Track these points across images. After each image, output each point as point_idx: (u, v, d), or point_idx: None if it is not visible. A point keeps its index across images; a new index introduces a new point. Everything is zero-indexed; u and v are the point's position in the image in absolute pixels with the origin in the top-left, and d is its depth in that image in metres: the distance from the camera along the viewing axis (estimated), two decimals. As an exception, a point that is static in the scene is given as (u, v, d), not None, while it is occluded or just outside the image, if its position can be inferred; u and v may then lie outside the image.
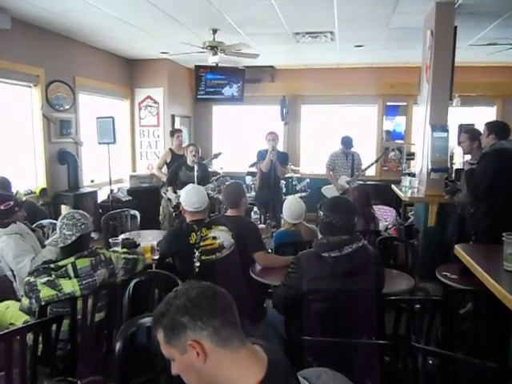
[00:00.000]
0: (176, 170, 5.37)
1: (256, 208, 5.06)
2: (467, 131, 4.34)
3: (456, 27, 4.29)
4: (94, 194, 5.91)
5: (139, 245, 3.32)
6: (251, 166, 7.07)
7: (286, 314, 2.50)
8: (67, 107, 5.69)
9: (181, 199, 3.00)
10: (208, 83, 7.55)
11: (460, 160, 5.70)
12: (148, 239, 3.58)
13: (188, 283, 1.17)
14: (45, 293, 2.23)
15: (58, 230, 2.40)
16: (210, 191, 5.46)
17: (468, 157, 4.48)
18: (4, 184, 3.91)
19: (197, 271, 2.73)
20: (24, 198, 4.49)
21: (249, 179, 6.87)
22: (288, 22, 4.93)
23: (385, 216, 5.40)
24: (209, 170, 5.97)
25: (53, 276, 2.25)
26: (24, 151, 5.32)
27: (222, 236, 2.86)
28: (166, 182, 5.49)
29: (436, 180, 4.43)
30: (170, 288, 1.24)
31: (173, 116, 7.62)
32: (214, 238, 2.82)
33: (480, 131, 4.06)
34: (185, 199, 2.94)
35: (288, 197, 4.05)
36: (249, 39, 5.67)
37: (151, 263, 3.14)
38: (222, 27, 5.12)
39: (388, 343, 1.94)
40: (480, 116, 7.32)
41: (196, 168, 5.05)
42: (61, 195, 5.47)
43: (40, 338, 2.07)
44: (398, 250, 3.68)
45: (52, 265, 2.31)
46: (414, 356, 1.72)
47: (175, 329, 1.09)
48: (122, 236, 3.85)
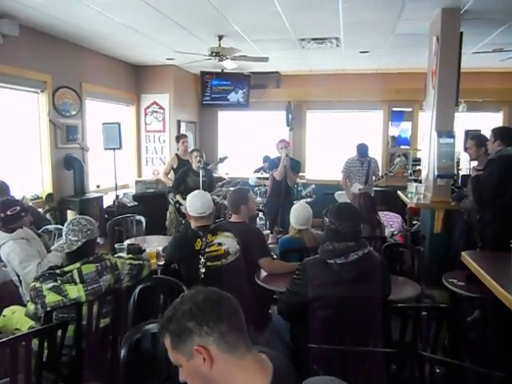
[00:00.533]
0: (183, 176, 5.38)
1: (261, 214, 5.05)
2: (473, 137, 4.33)
3: (462, 33, 4.29)
4: (100, 200, 5.92)
5: (144, 250, 3.32)
6: (256, 172, 7.08)
7: (291, 321, 2.48)
8: (74, 113, 5.73)
9: (186, 205, 3.01)
10: (214, 89, 7.58)
11: (466, 166, 5.67)
12: (153, 245, 3.58)
13: (194, 289, 1.17)
14: (50, 298, 2.23)
15: (64, 236, 2.40)
16: (215, 197, 5.47)
17: (474, 163, 4.46)
18: (2, 188, 3.91)
19: (202, 277, 2.72)
20: (30, 203, 4.52)
21: (253, 180, 6.86)
22: (293, 28, 4.95)
23: (391, 222, 5.38)
24: (213, 175, 5.98)
25: (58, 282, 2.26)
26: (31, 156, 5.35)
27: (228, 242, 2.86)
28: (173, 189, 5.49)
29: (442, 186, 4.41)
30: (176, 294, 1.24)
31: (178, 122, 7.65)
32: (220, 245, 2.82)
33: (486, 137, 4.04)
34: (189, 204, 2.95)
35: (295, 203, 4.04)
36: (254, 45, 5.69)
37: (156, 269, 3.14)
38: (228, 33, 5.14)
39: (394, 351, 1.92)
40: (486, 122, 7.29)
41: (202, 173, 5.06)
42: (67, 200, 5.49)
43: (45, 344, 2.08)
44: (404, 257, 3.66)
45: (58, 270, 2.32)
46: (421, 365, 1.70)
47: (181, 334, 1.09)
48: (128, 241, 3.85)
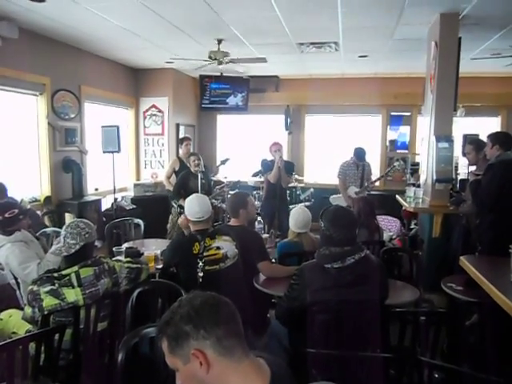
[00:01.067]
0: (185, 180, 5.39)
1: (260, 218, 5.05)
2: (472, 142, 4.34)
3: (460, 38, 4.31)
4: (98, 203, 5.92)
5: (143, 254, 3.31)
6: (254, 176, 7.08)
7: (290, 326, 2.47)
8: (72, 116, 5.73)
9: (185, 209, 3.01)
10: (212, 92, 7.59)
11: (465, 170, 5.68)
12: (152, 248, 3.58)
13: (193, 293, 1.17)
14: (48, 302, 2.22)
15: (62, 239, 2.40)
16: (214, 200, 5.47)
17: (472, 167, 4.47)
18: (0, 190, 3.90)
19: (200, 281, 2.72)
20: (29, 206, 4.50)
21: (252, 181, 6.86)
22: (293, 33, 4.96)
23: (389, 226, 5.39)
24: (210, 179, 5.98)
25: (56, 285, 2.25)
26: (29, 159, 5.34)
27: (226, 246, 2.85)
28: (173, 193, 5.48)
29: (441, 190, 4.41)
30: (174, 298, 1.24)
31: (177, 125, 7.65)
32: (218, 248, 2.81)
33: (484, 142, 4.05)
34: (187, 208, 2.95)
35: (293, 207, 4.04)
36: (253, 49, 5.70)
37: (155, 272, 3.14)
38: (227, 37, 5.15)
39: (393, 356, 1.92)
40: (484, 126, 7.31)
41: (200, 176, 5.07)
42: (65, 203, 5.48)
43: (42, 348, 2.06)
44: (403, 261, 3.65)
45: (55, 274, 2.31)
46: (420, 369, 1.70)
47: (179, 338, 1.09)
48: (126, 245, 3.85)
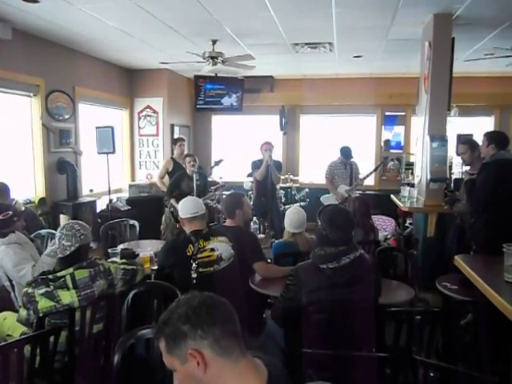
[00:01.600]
0: (178, 181, 5.37)
1: (255, 218, 5.06)
2: (466, 142, 4.36)
3: (454, 38, 4.33)
4: (93, 204, 5.89)
5: (138, 255, 3.30)
6: (249, 176, 7.09)
7: (286, 327, 2.48)
8: (67, 117, 5.71)
9: (178, 210, 3.01)
10: (207, 93, 7.57)
11: (459, 170, 5.71)
12: (147, 249, 3.56)
13: (190, 293, 1.18)
14: (43, 304, 2.21)
15: (57, 241, 2.39)
16: (209, 201, 5.47)
17: (467, 167, 4.50)
18: (3, 190, 3.89)
19: (194, 283, 2.71)
20: (23, 208, 4.48)
21: (247, 186, 6.87)
22: (287, 33, 4.97)
23: (384, 226, 5.40)
24: (207, 179, 5.97)
25: (51, 287, 2.24)
26: (23, 160, 5.32)
27: (221, 248, 2.84)
28: (167, 194, 5.48)
29: (435, 190, 4.43)
30: (169, 299, 1.24)
31: (172, 125, 7.64)
32: (212, 250, 2.80)
33: (477, 142, 4.08)
34: (181, 208, 2.96)
35: (288, 207, 4.05)
36: (248, 50, 5.70)
37: (150, 273, 3.13)
38: (222, 38, 5.15)
39: (389, 356, 1.92)
40: (478, 126, 7.36)
41: (196, 178, 5.06)
42: (60, 205, 5.45)
43: (37, 350, 2.05)
44: (398, 261, 3.67)
45: (50, 275, 2.30)
46: (415, 369, 1.70)
47: (176, 337, 1.09)
48: (121, 246, 3.84)
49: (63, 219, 5.21)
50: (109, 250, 3.45)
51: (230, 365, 1.09)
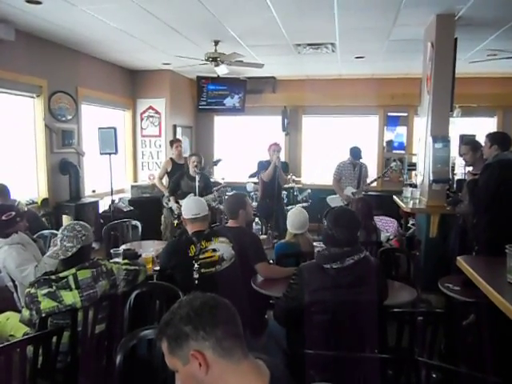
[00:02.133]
0: (178, 180, 5.38)
1: (257, 219, 5.06)
2: (468, 143, 4.35)
3: (456, 39, 4.33)
4: (96, 204, 5.91)
5: (140, 255, 3.30)
6: (251, 177, 7.09)
7: (288, 327, 2.48)
8: (69, 117, 5.72)
9: (182, 209, 3.01)
10: (210, 94, 7.59)
11: (461, 171, 5.70)
12: (149, 250, 3.57)
13: (193, 294, 1.18)
14: (45, 304, 2.21)
15: (59, 242, 2.39)
16: (212, 201, 5.47)
17: (470, 168, 4.48)
18: (3, 191, 3.90)
19: (196, 284, 2.71)
20: (26, 208, 4.49)
21: (250, 187, 6.87)
22: (289, 34, 4.97)
23: (386, 227, 5.39)
24: (210, 180, 5.98)
25: (53, 287, 2.24)
26: (26, 161, 5.33)
27: (222, 248, 2.84)
28: (170, 192, 5.49)
29: (437, 191, 4.43)
30: (172, 300, 1.24)
31: (174, 126, 7.65)
32: (214, 251, 2.80)
33: (480, 142, 4.06)
34: (184, 207, 2.97)
35: (290, 208, 4.05)
36: (250, 50, 5.71)
37: (152, 274, 3.13)
38: (224, 39, 5.16)
39: (391, 357, 1.92)
40: (481, 127, 7.34)
41: (198, 178, 5.06)
42: (62, 205, 5.46)
43: (40, 351, 2.06)
44: (400, 262, 3.66)
45: (53, 276, 2.30)
46: (417, 370, 1.70)
47: (178, 338, 1.09)
48: (123, 246, 3.84)
49: (66, 220, 5.22)
50: (111, 251, 3.46)
51: (232, 366, 1.09)
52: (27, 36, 4.91)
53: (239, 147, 8.60)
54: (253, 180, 7.03)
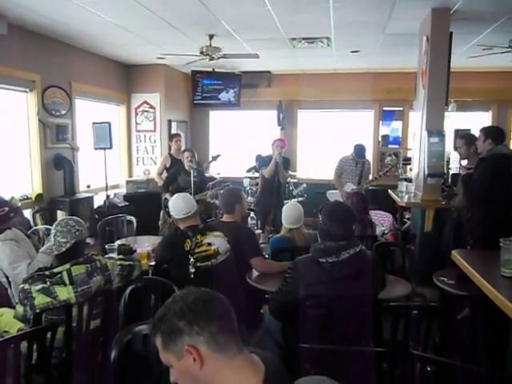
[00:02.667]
0: (175, 176, 5.37)
1: (253, 213, 5.06)
2: (463, 136, 4.36)
3: (451, 33, 4.32)
4: (90, 200, 5.89)
5: (135, 251, 3.30)
6: (248, 171, 7.08)
7: (283, 321, 2.48)
8: (63, 112, 5.68)
9: (170, 210, 3.00)
10: (205, 88, 7.56)
11: (456, 165, 5.72)
12: (144, 245, 3.56)
13: (187, 288, 1.17)
14: (40, 300, 2.21)
15: (53, 238, 2.38)
16: (209, 198, 5.46)
17: (464, 162, 4.50)
18: None
19: (192, 278, 2.71)
20: (19, 204, 4.46)
21: (246, 182, 6.86)
22: (284, 28, 4.95)
23: (381, 221, 5.41)
24: (205, 175, 5.96)
25: (48, 283, 2.24)
26: (20, 156, 5.29)
27: (217, 242, 2.84)
28: (163, 188, 5.48)
29: (432, 185, 4.44)
30: (167, 295, 1.23)
31: (169, 121, 7.62)
32: (209, 244, 2.80)
33: (475, 136, 4.07)
34: (173, 208, 2.95)
35: (286, 202, 4.05)
36: (245, 44, 5.69)
37: (147, 269, 3.13)
38: (219, 33, 5.12)
39: (386, 350, 1.93)
40: (476, 121, 7.36)
41: (193, 173, 5.05)
42: (57, 201, 5.43)
43: (34, 346, 2.05)
44: (395, 256, 3.67)
45: (47, 272, 2.30)
46: (412, 363, 1.71)
47: (172, 333, 1.08)
48: (118, 242, 3.84)
49: (60, 215, 5.19)
50: (106, 246, 3.45)
51: (227, 361, 1.09)
52: (20, 30, 4.85)
53: (235, 142, 8.59)
54: (249, 175, 7.02)
